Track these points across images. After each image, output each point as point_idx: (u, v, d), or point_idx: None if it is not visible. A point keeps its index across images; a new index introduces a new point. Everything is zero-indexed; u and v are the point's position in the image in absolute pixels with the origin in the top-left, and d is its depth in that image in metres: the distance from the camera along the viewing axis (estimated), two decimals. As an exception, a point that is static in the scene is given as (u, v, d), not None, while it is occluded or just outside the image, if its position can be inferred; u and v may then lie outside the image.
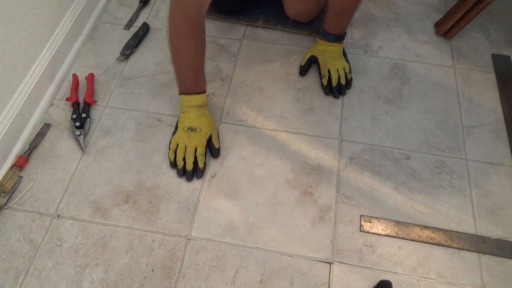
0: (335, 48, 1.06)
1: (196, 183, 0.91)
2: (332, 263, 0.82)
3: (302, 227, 0.86)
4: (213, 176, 0.92)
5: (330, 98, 1.06)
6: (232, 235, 0.85)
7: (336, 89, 1.05)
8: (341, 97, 1.06)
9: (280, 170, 0.93)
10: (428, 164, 0.95)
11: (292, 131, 1.00)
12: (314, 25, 1.18)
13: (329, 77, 1.05)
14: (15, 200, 0.89)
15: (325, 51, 1.07)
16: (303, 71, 1.09)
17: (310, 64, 1.10)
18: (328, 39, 1.06)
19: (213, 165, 0.94)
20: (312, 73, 1.11)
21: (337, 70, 1.05)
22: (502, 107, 1.05)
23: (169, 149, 0.93)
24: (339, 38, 1.05)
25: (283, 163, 0.94)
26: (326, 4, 1.02)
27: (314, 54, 1.08)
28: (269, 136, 0.99)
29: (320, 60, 1.07)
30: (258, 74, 1.11)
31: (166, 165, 0.94)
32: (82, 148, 0.96)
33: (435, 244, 0.84)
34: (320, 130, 1.00)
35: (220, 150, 0.95)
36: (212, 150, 0.94)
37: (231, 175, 0.92)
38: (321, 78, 1.07)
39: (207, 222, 0.86)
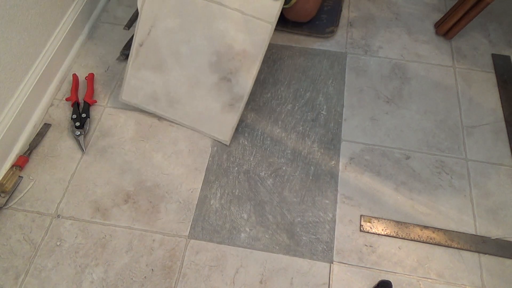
0: None
1: (196, 182, 0.92)
2: (332, 263, 0.82)
3: (213, 110, 0.91)
4: (140, 45, 0.94)
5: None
6: (155, 104, 0.95)
7: None
8: (341, 97, 1.06)
9: (204, 50, 0.90)
10: (428, 164, 0.95)
11: (226, 4, 0.87)
12: (314, 25, 1.18)
13: None
14: (15, 200, 0.89)
15: None
16: None
17: None
18: None
19: (141, 33, 0.93)
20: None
21: None
22: (502, 107, 1.05)
23: None
24: None
25: (208, 43, 0.89)
26: (324, 3, 1.02)
27: None
28: (200, 6, 0.88)
29: None
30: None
31: (166, 165, 0.94)
32: (82, 148, 0.96)
33: (435, 244, 0.84)
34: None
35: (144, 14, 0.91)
36: None
37: (157, 48, 0.94)
38: None
39: (134, 89, 0.94)
